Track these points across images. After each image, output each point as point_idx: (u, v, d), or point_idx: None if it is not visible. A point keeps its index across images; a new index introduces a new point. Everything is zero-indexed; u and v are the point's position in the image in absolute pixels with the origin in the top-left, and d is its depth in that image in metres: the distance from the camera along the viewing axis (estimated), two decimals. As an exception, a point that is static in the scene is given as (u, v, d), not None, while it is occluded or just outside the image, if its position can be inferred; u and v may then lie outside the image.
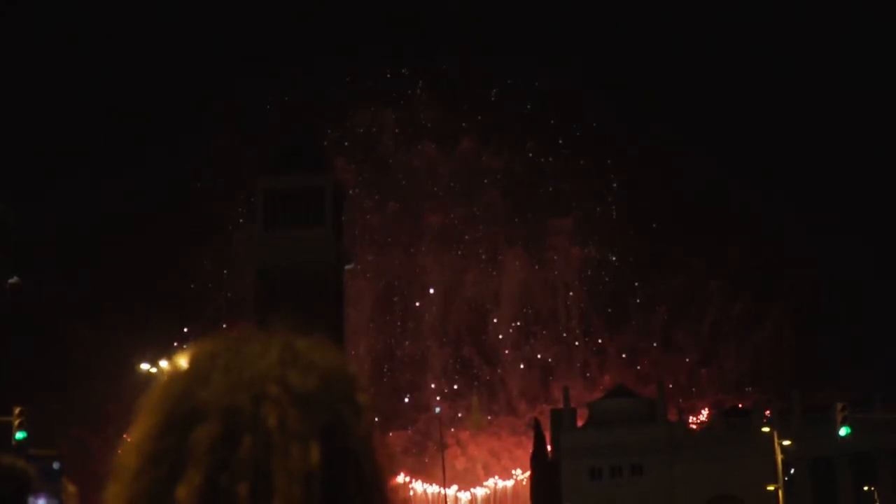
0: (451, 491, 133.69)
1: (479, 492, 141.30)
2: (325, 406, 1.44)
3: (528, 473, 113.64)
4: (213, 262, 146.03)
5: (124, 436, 1.50)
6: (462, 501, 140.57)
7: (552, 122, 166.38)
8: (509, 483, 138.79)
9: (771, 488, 71.81)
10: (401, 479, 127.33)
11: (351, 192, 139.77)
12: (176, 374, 1.49)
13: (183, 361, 1.50)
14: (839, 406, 49.06)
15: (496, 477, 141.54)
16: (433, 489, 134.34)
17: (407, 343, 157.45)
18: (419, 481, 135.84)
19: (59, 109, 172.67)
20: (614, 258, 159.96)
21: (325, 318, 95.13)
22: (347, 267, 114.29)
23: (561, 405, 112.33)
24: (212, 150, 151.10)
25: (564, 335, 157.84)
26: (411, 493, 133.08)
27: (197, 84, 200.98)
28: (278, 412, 1.40)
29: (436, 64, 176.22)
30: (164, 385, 1.49)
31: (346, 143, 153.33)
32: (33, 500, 4.71)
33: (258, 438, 1.39)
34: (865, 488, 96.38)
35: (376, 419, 1.50)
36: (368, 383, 1.55)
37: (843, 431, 49.24)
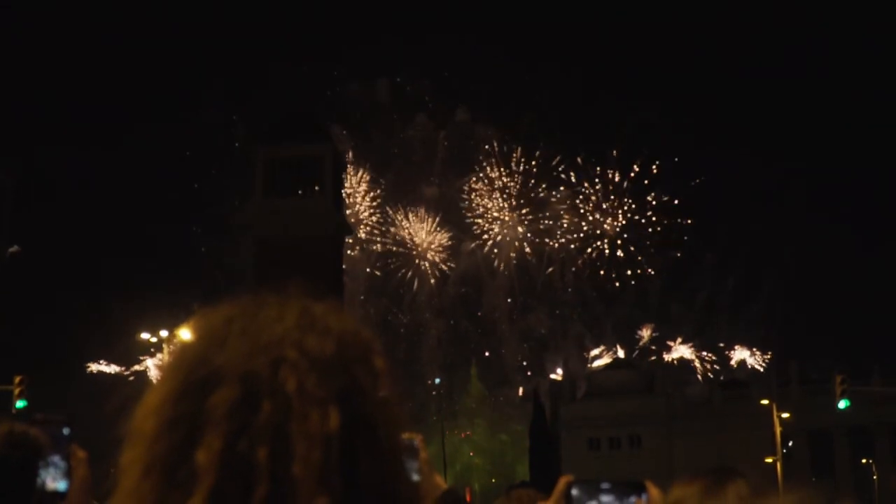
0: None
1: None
2: (342, 370, 1.43)
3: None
4: (210, 232, 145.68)
5: (138, 402, 1.47)
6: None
7: (546, 95, 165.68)
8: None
9: (769, 460, 71.89)
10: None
11: (349, 164, 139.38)
12: (192, 339, 1.48)
13: (197, 327, 1.48)
14: (839, 378, 48.50)
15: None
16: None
17: (401, 315, 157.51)
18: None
19: (55, 78, 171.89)
20: (609, 228, 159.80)
21: (324, 288, 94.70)
22: (347, 237, 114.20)
23: (557, 378, 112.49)
24: (206, 118, 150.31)
25: (559, 309, 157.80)
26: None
27: (191, 56, 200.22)
28: (297, 376, 1.39)
29: (428, 36, 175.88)
30: (181, 350, 1.47)
31: (340, 114, 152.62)
32: (42, 465, 4.46)
33: (277, 403, 1.37)
34: (863, 461, 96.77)
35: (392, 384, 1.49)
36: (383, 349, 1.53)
37: (842, 404, 48.82)
